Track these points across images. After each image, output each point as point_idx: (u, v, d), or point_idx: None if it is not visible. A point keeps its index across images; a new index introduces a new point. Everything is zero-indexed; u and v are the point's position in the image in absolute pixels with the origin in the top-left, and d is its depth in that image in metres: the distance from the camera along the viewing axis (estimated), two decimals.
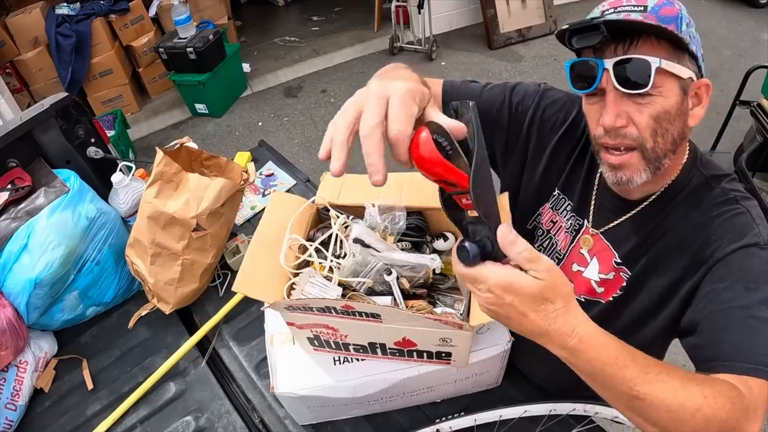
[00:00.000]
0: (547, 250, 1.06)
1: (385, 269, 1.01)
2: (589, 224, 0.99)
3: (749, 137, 2.93)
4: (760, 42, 4.56)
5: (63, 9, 3.95)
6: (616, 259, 0.96)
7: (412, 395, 1.13)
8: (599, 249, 0.98)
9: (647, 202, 0.91)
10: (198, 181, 1.33)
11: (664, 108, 0.78)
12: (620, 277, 0.96)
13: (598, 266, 0.99)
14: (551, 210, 1.05)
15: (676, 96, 0.78)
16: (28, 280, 1.28)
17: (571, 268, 1.02)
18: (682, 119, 0.81)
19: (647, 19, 0.74)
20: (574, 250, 1.01)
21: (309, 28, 5.54)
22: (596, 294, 1.00)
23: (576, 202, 1.00)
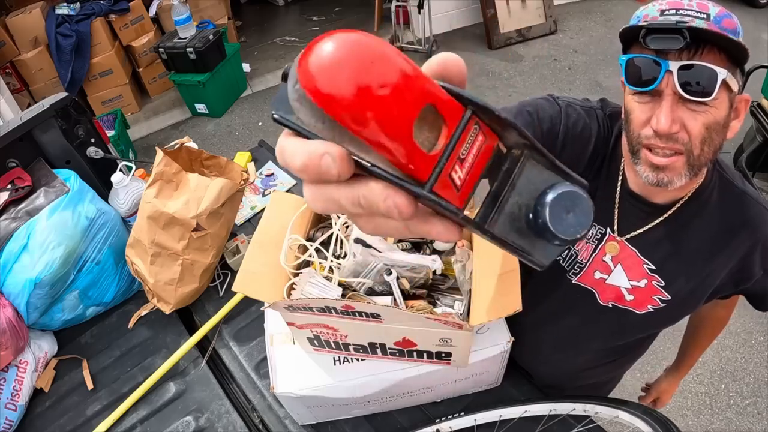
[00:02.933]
0: (567, 261, 1.03)
1: (386, 269, 1.01)
2: (614, 232, 0.97)
3: (749, 137, 2.93)
4: (760, 42, 4.55)
5: (63, 9, 3.95)
6: (648, 266, 0.95)
7: (412, 395, 1.13)
8: (624, 256, 0.97)
9: (677, 206, 0.91)
10: (198, 181, 1.33)
11: (716, 119, 0.78)
12: (653, 286, 0.96)
13: (625, 273, 0.98)
14: None
15: (726, 108, 0.79)
16: (28, 280, 1.28)
17: (593, 275, 1.01)
18: (725, 131, 0.81)
19: (712, 28, 0.73)
20: (597, 258, 1.00)
21: (309, 28, 5.54)
22: (626, 302, 1.00)
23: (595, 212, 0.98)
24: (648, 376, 2.34)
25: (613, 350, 1.14)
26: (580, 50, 4.64)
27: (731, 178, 0.93)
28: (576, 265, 1.02)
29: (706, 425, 2.17)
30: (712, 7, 0.77)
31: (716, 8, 0.77)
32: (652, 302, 0.98)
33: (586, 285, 1.02)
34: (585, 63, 4.47)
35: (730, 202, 0.91)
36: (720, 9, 0.77)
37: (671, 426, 0.90)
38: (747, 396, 2.25)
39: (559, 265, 1.04)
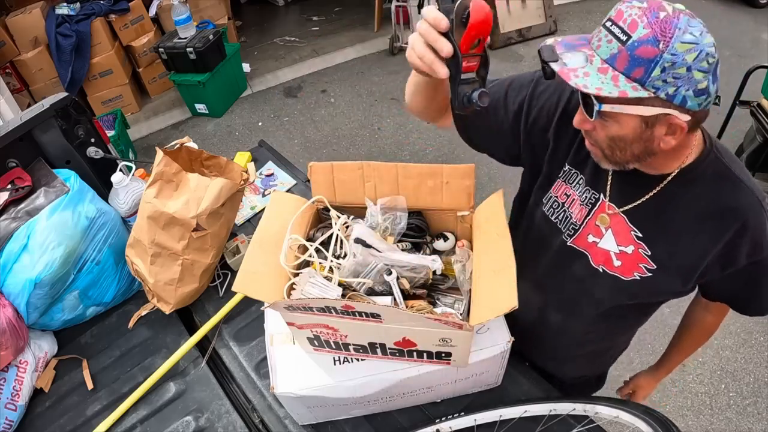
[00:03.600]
0: (562, 221, 1.08)
1: (386, 269, 1.01)
2: (606, 198, 1.01)
3: (749, 137, 2.93)
4: (760, 42, 4.55)
5: (63, 9, 3.95)
6: (636, 233, 1.00)
7: (412, 395, 1.13)
8: (614, 222, 1.02)
9: (665, 181, 0.96)
10: (198, 181, 1.33)
11: (618, 133, 0.85)
12: (639, 254, 1.01)
13: (615, 238, 1.03)
14: (564, 183, 1.08)
15: (633, 127, 0.83)
16: (28, 280, 1.28)
17: (587, 238, 1.06)
18: (645, 143, 0.86)
19: (619, 55, 0.78)
20: (590, 223, 1.05)
21: (309, 28, 5.54)
22: (614, 267, 1.04)
23: (588, 175, 1.03)
24: None
25: (605, 316, 1.14)
26: None
27: (728, 163, 0.95)
28: (571, 227, 1.07)
29: (706, 425, 2.17)
30: (642, 28, 0.77)
31: (645, 30, 0.77)
32: (638, 270, 1.02)
33: (579, 247, 1.07)
34: None
35: (722, 186, 0.94)
36: (648, 33, 0.77)
37: (671, 426, 0.90)
38: (747, 396, 2.25)
39: (556, 227, 1.09)
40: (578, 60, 0.82)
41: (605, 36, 0.81)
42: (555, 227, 1.09)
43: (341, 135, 3.96)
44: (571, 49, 0.84)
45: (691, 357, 2.35)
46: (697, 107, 0.81)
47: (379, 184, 1.15)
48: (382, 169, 1.14)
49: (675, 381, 2.32)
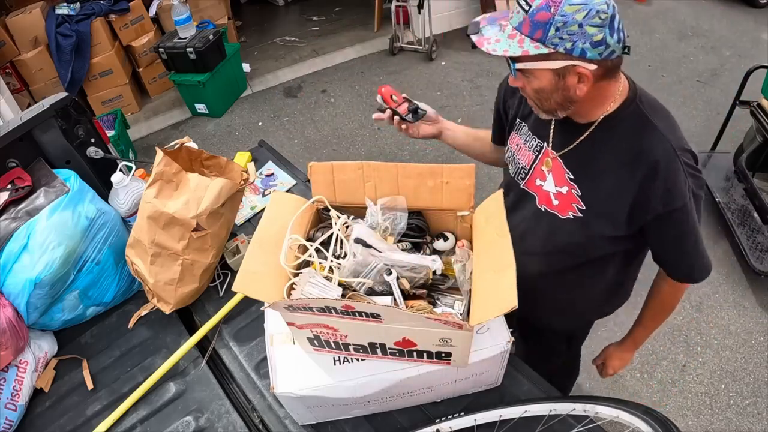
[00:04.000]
0: (515, 169, 1.28)
1: (386, 269, 1.01)
2: (549, 146, 1.18)
3: (749, 137, 2.93)
4: (759, 42, 4.55)
5: (63, 9, 3.95)
6: (569, 175, 1.15)
7: (412, 395, 1.13)
8: (555, 166, 1.18)
9: (591, 128, 1.10)
10: (198, 181, 1.33)
11: (539, 86, 1.02)
12: (572, 194, 1.15)
13: (553, 180, 1.18)
14: (516, 134, 1.28)
15: (549, 80, 1.00)
16: (28, 280, 1.28)
17: (535, 182, 1.22)
18: (564, 92, 1.01)
19: (524, 22, 0.94)
20: (537, 167, 1.21)
21: (309, 28, 5.54)
22: (553, 206, 1.20)
23: (532, 125, 1.22)
24: (648, 376, 2.34)
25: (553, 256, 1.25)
26: None
27: (648, 113, 1.08)
28: (522, 171, 1.25)
29: (706, 425, 2.17)
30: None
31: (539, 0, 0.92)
32: (571, 209, 1.16)
33: (530, 190, 1.24)
34: None
35: (639, 133, 1.07)
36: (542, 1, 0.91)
37: (671, 426, 0.90)
38: (747, 396, 2.25)
39: (512, 172, 1.29)
40: (493, 30, 0.99)
41: (516, 8, 0.96)
42: (511, 173, 1.30)
43: (341, 135, 3.96)
44: (492, 22, 1.01)
45: (691, 357, 2.38)
46: (599, 57, 0.95)
47: (379, 184, 1.15)
48: (382, 169, 1.14)
49: (675, 381, 2.32)
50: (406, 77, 4.55)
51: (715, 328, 2.50)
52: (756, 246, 2.62)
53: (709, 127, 3.62)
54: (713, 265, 1.24)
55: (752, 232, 2.70)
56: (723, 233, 2.91)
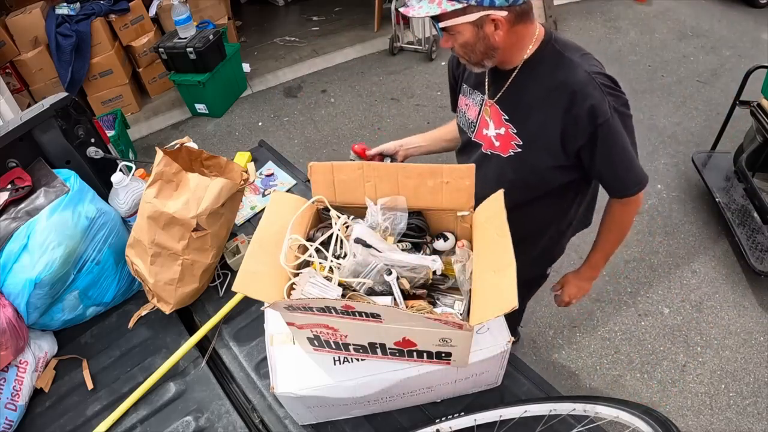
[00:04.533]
0: (466, 124, 1.42)
1: (386, 269, 1.01)
2: (486, 96, 1.32)
3: (749, 137, 2.93)
4: (759, 42, 4.55)
5: (63, 9, 3.95)
6: (504, 117, 1.28)
7: (412, 395, 1.13)
8: (493, 112, 1.31)
9: (514, 73, 1.24)
10: (198, 181, 1.33)
11: (463, 40, 1.15)
12: (510, 133, 1.28)
13: (493, 124, 1.32)
14: (463, 97, 1.42)
15: (470, 32, 1.12)
16: (28, 280, 1.28)
17: (482, 132, 1.36)
18: (485, 41, 1.14)
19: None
20: (482, 119, 1.35)
21: (309, 28, 5.54)
22: (495, 147, 1.33)
23: (472, 83, 1.37)
24: (648, 376, 2.34)
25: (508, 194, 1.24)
26: None
27: (562, 49, 1.20)
28: (471, 125, 1.39)
29: (706, 425, 2.17)
30: None
31: None
32: (511, 147, 1.29)
33: (477, 140, 1.38)
34: None
35: (556, 68, 1.19)
36: None
37: (671, 426, 0.90)
38: (747, 396, 2.25)
39: (463, 129, 1.44)
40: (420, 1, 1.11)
41: None
42: (463, 130, 1.44)
43: (341, 135, 3.96)
44: None
45: (691, 357, 2.38)
46: (506, 3, 1.08)
47: (379, 184, 1.15)
48: (382, 169, 1.14)
49: (675, 381, 2.32)
50: (406, 77, 4.55)
51: (715, 328, 2.50)
52: (756, 246, 2.62)
53: (709, 127, 3.63)
54: (713, 265, 1.25)
55: (752, 232, 2.70)
56: (723, 233, 2.92)
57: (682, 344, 2.45)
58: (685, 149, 3.49)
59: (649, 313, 2.59)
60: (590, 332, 2.54)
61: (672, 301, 2.63)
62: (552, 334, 2.54)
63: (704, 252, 2.83)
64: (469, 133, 1.40)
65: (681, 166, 3.37)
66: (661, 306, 2.62)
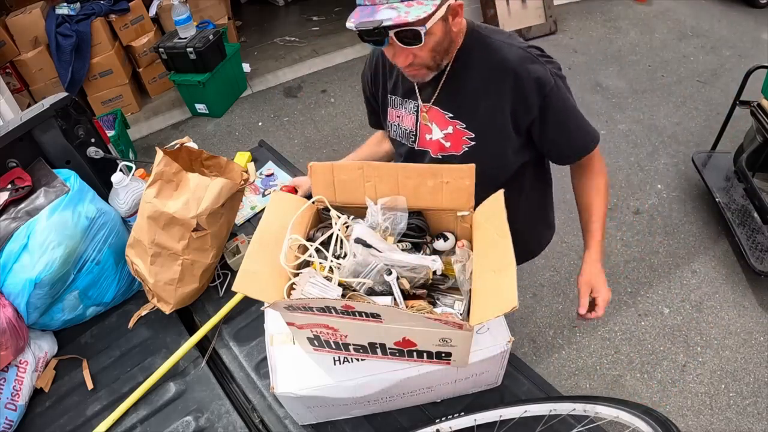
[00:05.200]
0: (404, 137, 1.36)
1: (386, 269, 1.01)
2: (421, 101, 1.28)
3: (749, 137, 2.93)
4: (760, 42, 4.55)
5: (63, 9, 3.95)
6: (448, 115, 1.25)
7: (412, 395, 1.13)
8: (433, 115, 1.27)
9: (447, 70, 1.20)
10: (198, 181, 1.33)
11: (435, 41, 1.09)
12: (459, 129, 1.25)
13: (438, 126, 1.27)
14: (393, 109, 1.36)
15: (441, 29, 1.08)
16: (28, 280, 1.28)
17: (425, 138, 1.31)
18: (448, 36, 1.11)
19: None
20: (422, 125, 1.31)
21: (309, 28, 5.53)
22: (447, 149, 1.29)
23: (401, 92, 1.31)
24: (648, 376, 2.34)
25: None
26: (580, 50, 4.64)
27: (489, 33, 1.19)
28: (411, 135, 1.34)
29: (706, 425, 2.17)
30: None
31: None
32: (464, 143, 1.25)
33: (423, 147, 1.33)
34: (585, 63, 4.47)
35: (489, 52, 1.17)
36: None
37: (671, 426, 0.90)
38: (747, 396, 2.25)
39: (401, 142, 1.37)
40: (387, 13, 1.03)
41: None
42: (400, 143, 1.38)
43: (341, 135, 3.96)
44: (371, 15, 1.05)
45: (691, 357, 2.38)
46: None
47: (379, 184, 1.15)
48: (383, 169, 1.14)
49: (675, 381, 2.32)
50: None
51: (715, 328, 2.50)
52: (756, 246, 2.62)
53: (709, 127, 3.62)
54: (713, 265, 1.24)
55: (752, 232, 2.69)
56: (723, 233, 2.91)
57: (682, 344, 2.45)
58: (685, 149, 3.49)
59: (649, 313, 2.59)
60: (590, 332, 2.54)
61: (672, 301, 2.63)
62: (552, 334, 2.54)
63: (704, 252, 2.83)
64: (409, 143, 1.35)
65: (681, 166, 3.37)
66: (661, 306, 2.62)
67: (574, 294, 2.67)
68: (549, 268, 2.82)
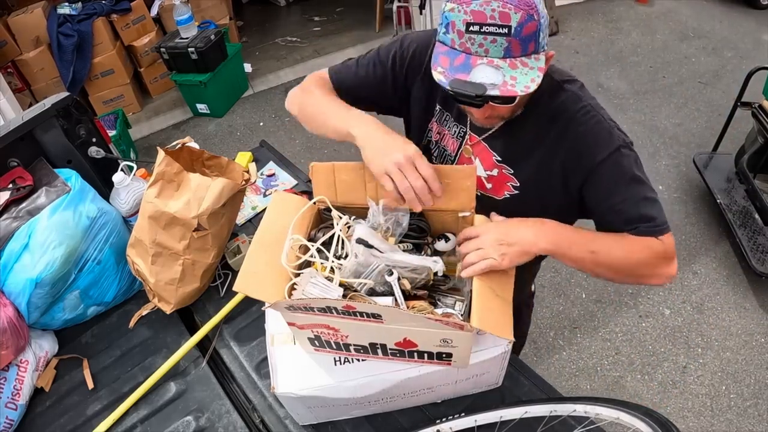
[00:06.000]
0: (440, 157, 1.25)
1: (387, 270, 1.01)
2: (469, 131, 1.16)
3: (750, 139, 2.93)
4: (761, 43, 4.55)
5: (65, 9, 3.96)
6: (496, 158, 1.15)
7: (413, 396, 1.13)
8: (479, 150, 1.17)
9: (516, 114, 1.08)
10: (199, 181, 1.33)
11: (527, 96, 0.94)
12: (504, 174, 1.16)
13: (481, 164, 1.17)
14: (437, 124, 1.22)
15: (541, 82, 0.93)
16: (29, 279, 1.28)
17: None
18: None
19: (511, 44, 0.86)
20: (462, 156, 1.21)
21: (310, 29, 5.54)
22: (486, 189, 1.20)
23: (455, 113, 1.18)
24: (649, 377, 2.34)
25: None
26: (582, 51, 4.64)
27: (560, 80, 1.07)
28: (447, 159, 1.24)
29: (706, 427, 2.17)
30: (513, 13, 0.85)
31: (518, 14, 0.85)
32: (507, 189, 1.17)
33: None
34: (586, 64, 4.47)
35: (557, 101, 1.06)
36: (522, 14, 0.85)
37: (672, 427, 0.90)
38: (748, 398, 2.25)
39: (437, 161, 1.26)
40: (489, 72, 0.88)
41: (484, 39, 0.87)
42: (436, 162, 1.25)
43: None
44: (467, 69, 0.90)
45: (692, 358, 2.37)
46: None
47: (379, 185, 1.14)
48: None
49: (676, 382, 2.31)
50: None
51: (716, 329, 2.50)
52: (757, 247, 2.62)
53: (710, 128, 3.62)
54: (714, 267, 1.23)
55: (753, 234, 2.69)
56: (724, 234, 2.91)
57: (682, 345, 2.45)
58: (686, 150, 3.49)
59: (650, 315, 2.59)
60: (591, 333, 2.54)
61: (673, 303, 2.62)
62: (553, 335, 2.54)
63: (705, 253, 2.83)
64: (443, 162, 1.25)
65: (682, 167, 3.37)
66: (662, 307, 2.61)
67: (575, 295, 2.68)
68: (550, 269, 2.82)
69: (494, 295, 0.97)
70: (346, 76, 1.23)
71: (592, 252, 1.00)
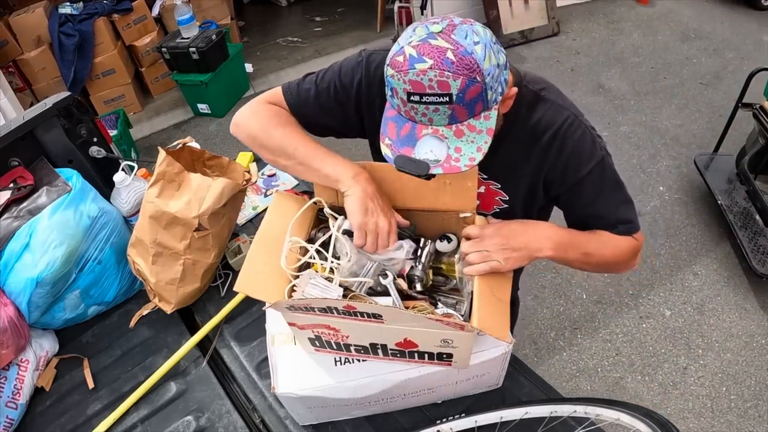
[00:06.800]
0: None
1: (381, 272, 1.02)
2: None
3: (751, 140, 2.92)
4: (762, 44, 4.55)
5: (66, 8, 3.96)
6: (482, 175, 1.14)
7: (413, 396, 1.13)
8: None
9: None
10: (200, 181, 1.34)
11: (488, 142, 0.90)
12: (492, 190, 1.16)
13: None
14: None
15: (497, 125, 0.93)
16: (30, 279, 1.28)
17: None
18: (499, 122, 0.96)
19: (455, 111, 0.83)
20: None
21: (311, 29, 5.54)
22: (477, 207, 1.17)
23: None
24: (649, 378, 2.34)
25: None
26: (583, 52, 4.64)
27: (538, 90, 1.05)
28: None
29: (707, 428, 2.17)
30: (452, 81, 0.80)
31: (457, 81, 0.80)
32: (496, 203, 1.18)
33: None
34: (587, 65, 4.47)
35: (537, 110, 1.04)
36: (461, 80, 0.80)
37: (672, 428, 0.90)
38: (748, 399, 2.24)
39: None
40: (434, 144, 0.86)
41: (426, 109, 0.84)
42: None
43: None
44: (412, 142, 0.87)
45: (692, 360, 2.37)
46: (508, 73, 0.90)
47: (380, 184, 1.14)
48: (384, 169, 1.14)
49: (676, 383, 2.31)
50: None
51: (717, 330, 2.50)
52: (758, 248, 2.62)
53: (711, 129, 3.62)
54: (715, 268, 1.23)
55: (754, 235, 2.69)
56: (725, 235, 2.91)
57: (683, 347, 2.45)
58: (687, 151, 3.49)
59: (651, 316, 2.59)
60: (591, 334, 2.54)
61: (673, 304, 2.62)
62: (553, 335, 2.54)
63: (706, 254, 2.82)
64: None
65: (683, 168, 3.37)
66: (663, 308, 2.61)
67: (576, 296, 2.68)
68: (550, 269, 2.82)
69: (495, 298, 0.97)
70: (304, 102, 1.17)
71: (586, 254, 1.08)
